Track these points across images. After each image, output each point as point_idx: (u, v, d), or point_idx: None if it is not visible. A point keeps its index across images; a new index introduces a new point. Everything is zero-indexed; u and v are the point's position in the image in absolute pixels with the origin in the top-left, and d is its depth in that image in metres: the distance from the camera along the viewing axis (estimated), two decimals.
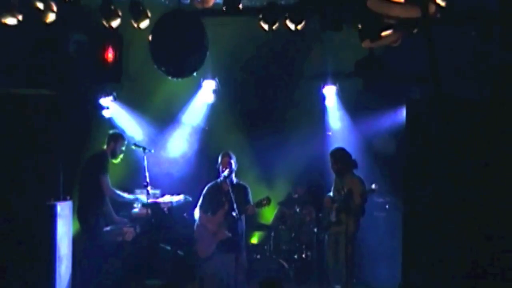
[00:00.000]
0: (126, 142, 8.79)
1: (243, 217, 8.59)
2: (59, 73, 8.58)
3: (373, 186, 8.05)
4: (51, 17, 7.23)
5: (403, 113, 7.46)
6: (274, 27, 7.37)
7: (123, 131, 9.24)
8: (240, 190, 8.70)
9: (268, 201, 8.53)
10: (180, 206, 9.00)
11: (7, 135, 7.40)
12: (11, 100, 7.49)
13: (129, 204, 8.85)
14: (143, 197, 8.70)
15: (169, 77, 7.82)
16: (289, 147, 9.99)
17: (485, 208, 6.50)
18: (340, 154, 8.34)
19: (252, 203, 8.66)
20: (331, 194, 8.50)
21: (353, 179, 8.20)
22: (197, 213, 8.81)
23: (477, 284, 6.51)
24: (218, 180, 8.83)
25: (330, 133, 10.20)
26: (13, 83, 8.02)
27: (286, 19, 7.30)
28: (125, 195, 8.73)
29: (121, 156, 8.73)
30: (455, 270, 6.61)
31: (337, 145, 8.79)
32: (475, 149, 6.57)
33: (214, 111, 10.10)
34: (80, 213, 8.40)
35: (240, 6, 7.22)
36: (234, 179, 8.80)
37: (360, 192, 8.04)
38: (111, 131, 8.88)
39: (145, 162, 8.68)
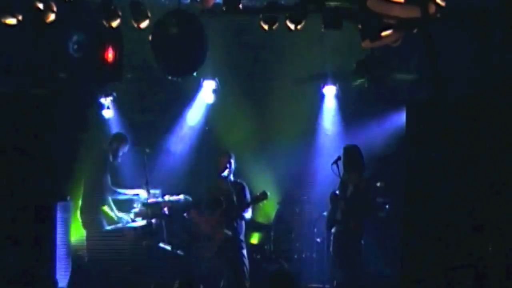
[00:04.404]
0: (128, 145, 8.80)
1: (243, 216, 8.58)
2: (59, 73, 8.57)
3: (378, 184, 8.05)
4: (51, 17, 7.23)
5: (403, 113, 7.45)
6: (274, 27, 7.37)
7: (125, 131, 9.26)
8: (238, 188, 8.69)
9: (264, 195, 8.47)
10: (180, 206, 9.00)
11: (7, 135, 7.39)
12: (11, 100, 7.48)
13: (129, 204, 8.86)
14: (143, 193, 8.71)
15: (169, 77, 7.83)
16: (288, 146, 9.98)
17: (486, 208, 6.50)
18: (351, 151, 8.27)
19: (249, 200, 8.65)
20: (336, 192, 8.43)
21: (360, 177, 8.14)
22: (192, 213, 8.81)
23: (477, 284, 6.50)
24: (217, 180, 8.82)
25: (329, 133, 10.19)
26: (13, 83, 8.01)
27: (286, 19, 7.31)
28: (125, 191, 8.76)
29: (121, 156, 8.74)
30: (455, 271, 6.61)
31: (336, 145, 8.78)
32: (476, 150, 6.57)
33: (214, 111, 10.10)
34: (81, 213, 8.41)
35: (240, 6, 7.22)
36: (232, 178, 8.79)
37: (368, 191, 8.01)
38: (115, 132, 8.90)
39: (145, 162, 8.69)
